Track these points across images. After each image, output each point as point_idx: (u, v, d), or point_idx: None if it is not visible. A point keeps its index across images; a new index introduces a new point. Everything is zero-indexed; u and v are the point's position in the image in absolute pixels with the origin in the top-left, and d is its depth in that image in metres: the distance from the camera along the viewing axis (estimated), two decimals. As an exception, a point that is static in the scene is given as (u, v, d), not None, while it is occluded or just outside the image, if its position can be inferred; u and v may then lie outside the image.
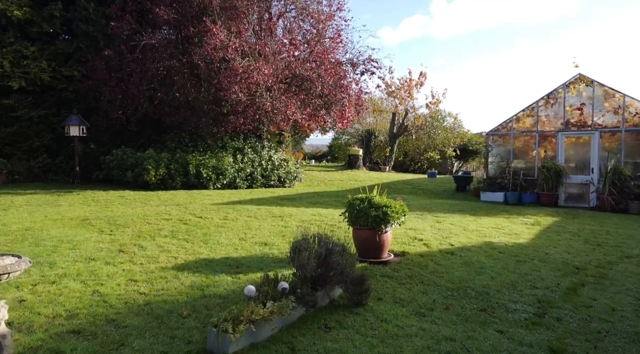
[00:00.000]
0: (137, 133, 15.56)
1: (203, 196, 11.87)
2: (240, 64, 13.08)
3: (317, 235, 4.53)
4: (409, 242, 6.93)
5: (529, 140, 13.97)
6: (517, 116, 14.02)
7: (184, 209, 9.43)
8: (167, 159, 13.64)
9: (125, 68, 14.00)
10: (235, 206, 9.94)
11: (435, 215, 9.81)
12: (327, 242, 4.41)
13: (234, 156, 14.68)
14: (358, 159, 23.96)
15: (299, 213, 9.22)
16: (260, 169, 14.69)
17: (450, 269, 5.55)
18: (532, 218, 9.92)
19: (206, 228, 7.55)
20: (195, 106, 14.59)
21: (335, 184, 16.74)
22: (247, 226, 7.81)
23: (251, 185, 14.39)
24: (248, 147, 15.18)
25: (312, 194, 13.04)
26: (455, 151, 29.39)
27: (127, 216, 8.44)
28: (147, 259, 5.64)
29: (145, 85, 14.14)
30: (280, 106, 13.58)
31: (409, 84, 26.41)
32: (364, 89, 16.41)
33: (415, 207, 11.03)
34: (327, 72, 14.65)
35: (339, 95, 15.17)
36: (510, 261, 6.05)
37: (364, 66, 16.09)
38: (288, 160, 15.71)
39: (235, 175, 14.01)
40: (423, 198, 13.67)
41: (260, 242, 6.70)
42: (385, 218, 5.72)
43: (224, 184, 13.80)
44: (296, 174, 15.49)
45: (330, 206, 10.67)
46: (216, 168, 13.74)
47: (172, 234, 7.04)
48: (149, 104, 14.68)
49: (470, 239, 7.33)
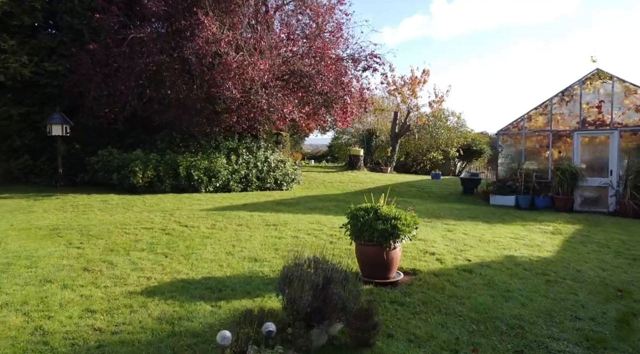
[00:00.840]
0: (125, 133, 14.70)
1: (193, 200, 11.02)
2: (234, 58, 12.23)
3: (314, 258, 3.69)
4: (420, 256, 6.07)
5: (541, 140, 13.11)
6: (529, 114, 13.16)
7: (169, 216, 8.58)
8: (156, 160, 12.79)
9: (111, 63, 13.13)
10: (225, 213, 9.09)
11: (446, 222, 8.95)
12: (325, 269, 3.56)
13: (228, 157, 13.83)
14: (359, 159, 23.11)
15: (295, 221, 8.36)
16: (256, 170, 13.84)
17: (471, 293, 4.70)
18: (551, 226, 9.07)
19: (190, 240, 6.69)
20: (187, 104, 13.73)
21: (335, 187, 15.89)
22: (236, 237, 6.95)
23: (246, 188, 13.53)
24: (243, 147, 14.32)
25: (310, 198, 12.19)
26: (458, 151, 28.58)
27: (103, 224, 7.59)
28: (114, 280, 4.78)
29: (134, 81, 13.28)
30: (277, 104, 12.73)
31: (413, 82, 25.55)
32: (367, 86, 15.54)
33: (423, 213, 10.18)
34: (327, 68, 13.80)
35: (339, 92, 14.31)
36: (539, 281, 5.20)
37: (366, 62, 15.22)
38: (285, 161, 14.85)
39: (228, 177, 13.16)
40: (429, 202, 12.81)
41: (250, 258, 5.85)
42: (395, 232, 4.87)
43: (216, 187, 12.94)
44: (294, 176, 14.63)
45: (330, 212, 9.82)
46: (208, 170, 12.89)
47: (151, 247, 6.18)
48: (137, 101, 13.80)
49: (489, 252, 6.47)
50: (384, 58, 15.29)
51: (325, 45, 14.33)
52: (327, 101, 14.43)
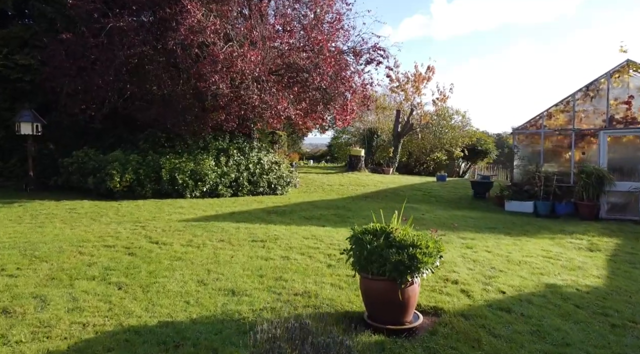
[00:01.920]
0: (105, 132, 13.48)
1: (174, 208, 9.78)
2: (222, 49, 10.99)
3: (300, 323, 2.46)
4: (440, 286, 4.85)
5: (562, 140, 11.88)
6: (549, 111, 11.93)
7: (140, 228, 7.35)
8: (137, 162, 11.56)
9: (88, 55, 11.88)
10: (208, 224, 7.85)
11: (462, 235, 7.72)
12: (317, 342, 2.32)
13: (217, 158, 12.60)
14: (360, 160, 21.87)
15: (288, 235, 7.13)
16: (247, 173, 12.61)
17: (518, 348, 3.47)
18: (584, 239, 7.84)
19: (157, 262, 5.47)
20: (172, 100, 12.50)
21: (335, 190, 14.67)
22: (214, 258, 5.73)
23: (236, 193, 12.30)
24: (234, 148, 13.09)
25: (307, 205, 10.96)
26: (463, 151, 27.38)
27: (57, 240, 6.36)
28: (34, 329, 3.56)
29: (113, 75, 12.02)
30: (270, 100, 11.49)
31: (417, 79, 24.31)
32: (369, 81, 14.29)
33: (434, 222, 8.96)
34: (325, 62, 12.56)
35: (339, 88, 13.09)
36: (602, 325, 3.97)
37: (368, 55, 13.98)
38: (280, 163, 13.62)
39: (217, 181, 11.93)
40: (439, 208, 11.58)
41: (226, 290, 4.62)
42: (413, 264, 3.65)
43: (203, 192, 11.71)
44: (289, 180, 13.40)
45: (329, 223, 8.59)
46: (195, 173, 11.66)
47: (104, 274, 4.96)
48: (117, 97, 12.57)
49: (524, 279, 5.24)
50: (388, 51, 14.06)
51: (323, 37, 13.09)
52: (325, 97, 13.20)
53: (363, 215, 9.60)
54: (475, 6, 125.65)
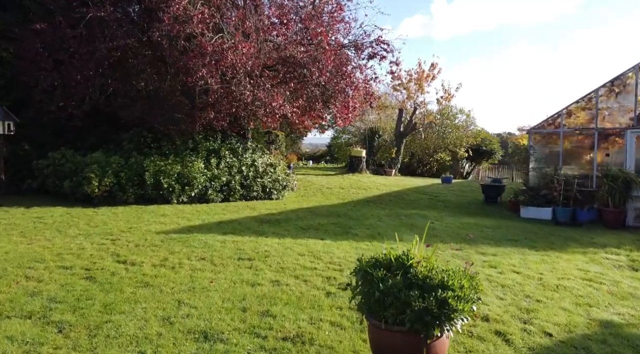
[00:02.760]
0: (87, 131, 12.48)
1: (156, 216, 8.78)
2: (210, 41, 9.99)
3: None
4: (468, 325, 3.84)
5: (583, 140, 10.89)
6: (569, 109, 10.93)
7: (110, 243, 6.35)
8: (118, 164, 10.55)
9: (66, 47, 10.87)
10: (189, 237, 6.85)
11: (481, 250, 6.73)
12: None
13: (207, 160, 11.59)
14: (361, 161, 20.85)
15: (281, 252, 6.13)
16: (240, 177, 11.59)
17: None
18: (622, 254, 6.84)
19: (118, 291, 4.47)
20: (159, 97, 11.51)
21: (335, 194, 13.66)
22: (190, 283, 4.73)
23: (227, 197, 11.29)
24: (226, 149, 12.07)
25: (304, 212, 9.95)
26: (467, 151, 26.40)
27: (3, 260, 5.35)
28: None
29: (94, 69, 11.02)
30: (264, 96, 10.48)
31: (420, 76, 23.30)
32: (372, 77, 13.26)
33: (446, 233, 7.96)
34: (325, 55, 11.56)
35: (340, 84, 12.08)
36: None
37: (371, 49, 12.96)
38: (276, 165, 12.60)
39: (206, 185, 10.92)
40: (448, 215, 10.58)
41: (197, 332, 3.62)
42: (444, 312, 2.66)
43: (191, 197, 10.70)
44: (285, 183, 12.38)
45: (328, 234, 7.58)
46: (182, 176, 10.66)
47: (46, 309, 3.96)
48: (100, 93, 11.57)
49: (570, 313, 4.24)
50: (392, 45, 13.05)
51: (323, 28, 12.08)
52: (325, 94, 12.19)
53: (367, 224, 8.60)
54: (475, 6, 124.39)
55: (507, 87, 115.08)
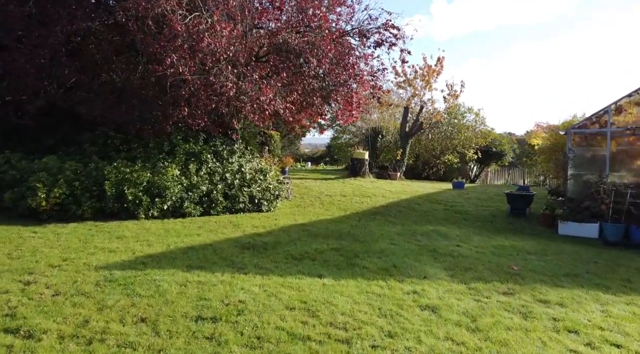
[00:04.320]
0: (44, 131, 10.62)
1: (110, 238, 6.92)
2: (184, 20, 8.15)
3: None
4: None
5: (634, 141, 9.07)
6: (618, 104, 9.11)
7: (18, 291, 4.50)
8: (73, 171, 8.71)
9: (9, 29, 9.04)
10: (138, 277, 4.99)
11: (541, 296, 4.87)
12: None
13: (186, 165, 9.76)
14: (363, 164, 19.01)
15: (261, 302, 4.27)
16: (223, 185, 9.75)
17: None
18: None
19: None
20: (128, 91, 9.67)
21: (336, 204, 11.82)
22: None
23: (208, 210, 9.45)
24: (208, 152, 10.22)
25: (298, 230, 8.10)
26: (476, 153, 24.59)
27: None
28: None
29: (48, 57, 9.20)
30: (250, 89, 8.64)
31: (428, 71, 21.46)
32: (379, 67, 11.42)
33: (481, 264, 6.11)
34: (325, 41, 9.73)
35: (342, 75, 10.25)
36: None
37: (378, 35, 11.12)
38: (267, 171, 10.74)
39: (182, 196, 9.08)
40: (473, 232, 8.74)
41: None
42: None
43: (163, 211, 8.86)
44: (278, 192, 10.53)
45: (328, 269, 5.73)
46: (152, 185, 8.82)
47: None
48: (57, 86, 9.74)
49: None
50: (403, 30, 11.19)
51: (322, 10, 10.25)
52: (325, 88, 10.35)
53: (377, 250, 6.76)
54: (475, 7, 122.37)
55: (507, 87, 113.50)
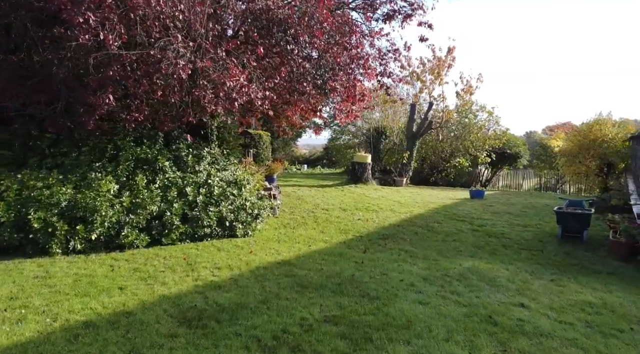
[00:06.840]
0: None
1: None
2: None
3: None
4: None
5: None
6: None
7: None
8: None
9: None
10: None
11: None
12: None
13: (132, 176, 7.18)
14: (365, 169, 16.43)
15: None
16: (182, 203, 7.15)
17: None
18: None
19: None
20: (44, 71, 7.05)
21: (334, 222, 9.25)
22: None
23: (159, 238, 6.84)
24: (165, 158, 7.62)
25: (278, 277, 5.49)
26: (489, 155, 22.05)
27: None
28: None
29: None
30: (212, 69, 6.04)
31: (439, 63, 18.90)
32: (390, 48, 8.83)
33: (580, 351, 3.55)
34: (319, 8, 7.17)
35: (343, 57, 7.68)
36: None
37: (389, 6, 8.57)
38: (243, 183, 8.13)
39: (120, 220, 6.49)
40: (526, 270, 6.16)
41: None
42: None
43: (91, 242, 6.27)
44: (257, 211, 7.91)
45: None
46: (75, 207, 6.24)
47: None
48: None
49: None
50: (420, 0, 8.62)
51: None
52: (319, 72, 7.75)
53: (400, 321, 4.17)
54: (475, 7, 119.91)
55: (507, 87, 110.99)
